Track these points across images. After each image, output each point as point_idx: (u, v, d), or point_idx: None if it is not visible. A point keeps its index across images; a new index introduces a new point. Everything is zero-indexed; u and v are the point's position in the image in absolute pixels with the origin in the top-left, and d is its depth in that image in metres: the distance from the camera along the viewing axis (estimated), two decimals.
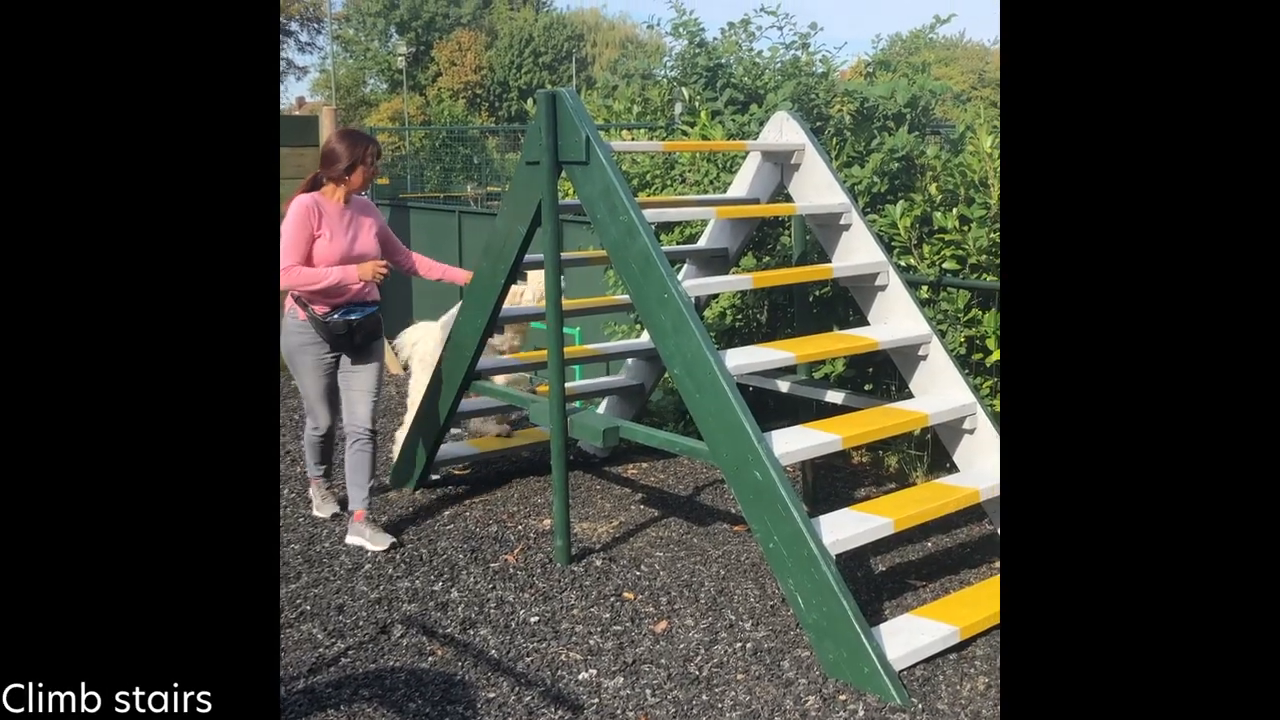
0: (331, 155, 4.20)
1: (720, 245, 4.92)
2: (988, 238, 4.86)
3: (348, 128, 4.48)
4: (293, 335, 4.32)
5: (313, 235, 4.15)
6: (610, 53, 48.21)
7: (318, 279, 4.15)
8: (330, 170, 4.21)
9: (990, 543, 4.26)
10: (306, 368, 4.37)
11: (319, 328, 4.25)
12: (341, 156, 4.18)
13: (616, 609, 3.80)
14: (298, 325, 4.30)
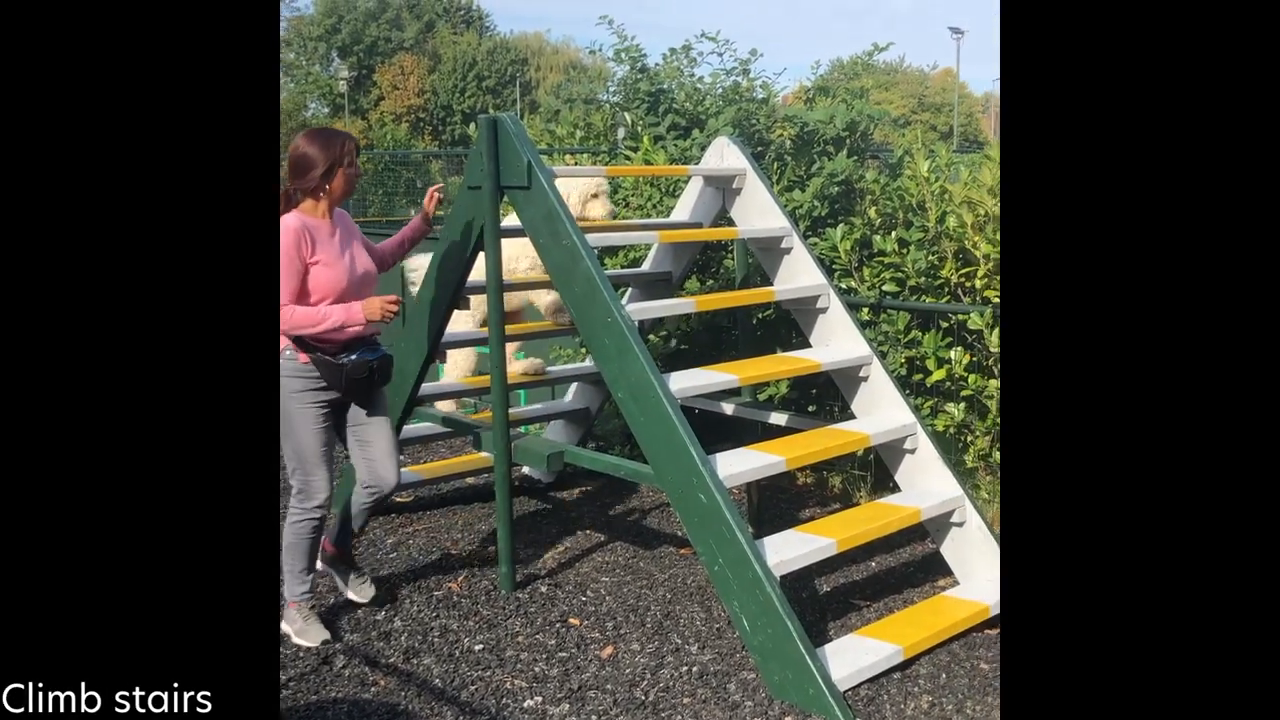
0: (303, 162, 3.51)
1: (664, 269, 4.94)
2: (926, 260, 4.94)
3: (314, 127, 3.75)
4: (291, 381, 3.52)
5: (306, 265, 3.47)
6: (554, 77, 48.37)
7: (316, 321, 3.46)
8: (304, 181, 3.51)
9: (933, 561, 4.31)
10: (307, 420, 3.55)
11: (329, 372, 3.52)
12: (315, 161, 3.49)
13: (562, 635, 3.77)
14: (297, 369, 3.53)
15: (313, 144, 3.53)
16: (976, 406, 4.96)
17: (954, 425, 4.95)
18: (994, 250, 4.78)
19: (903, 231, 5.03)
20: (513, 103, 47.99)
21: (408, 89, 49.99)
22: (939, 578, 4.25)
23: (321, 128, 3.68)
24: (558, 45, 60.34)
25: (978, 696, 3.35)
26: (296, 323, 3.46)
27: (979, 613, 3.77)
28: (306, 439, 3.57)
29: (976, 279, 4.89)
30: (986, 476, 5.00)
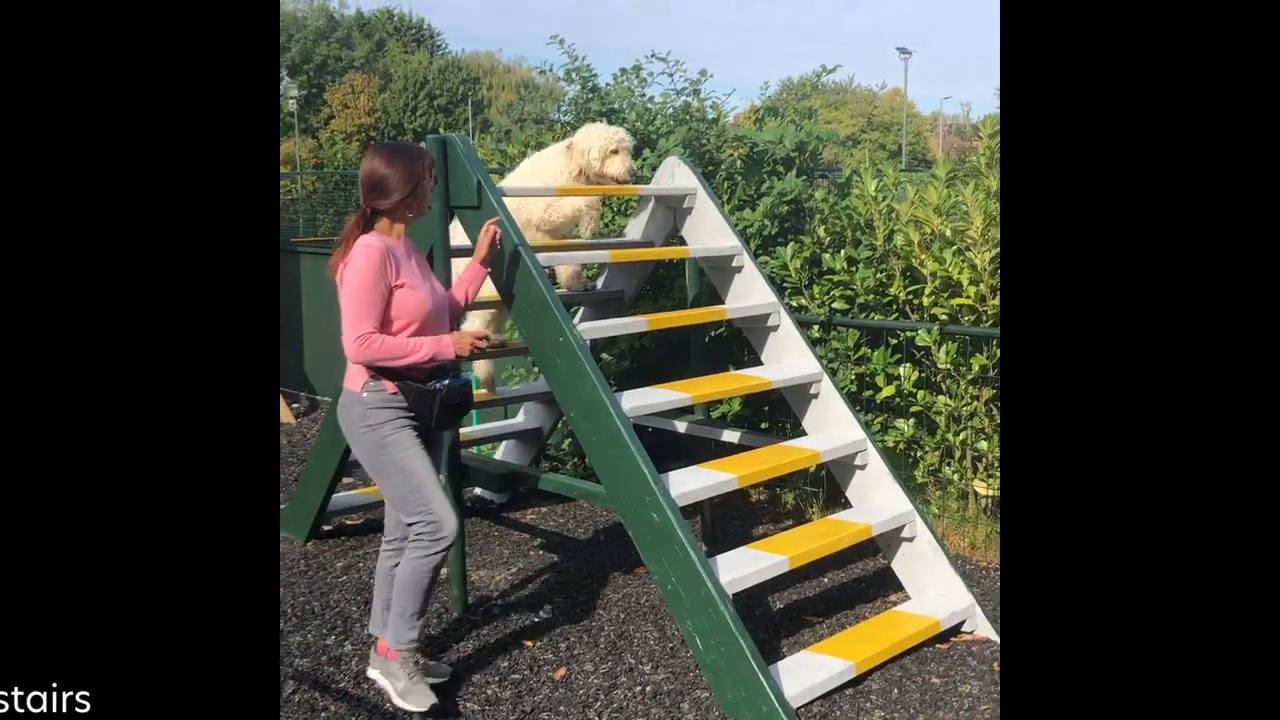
0: (383, 182, 3.20)
1: (616, 288, 4.95)
2: (874, 278, 5.00)
3: (389, 144, 3.44)
4: (379, 413, 3.21)
5: (390, 289, 3.18)
6: (506, 96, 48.38)
7: (406, 352, 3.17)
8: (384, 200, 3.22)
9: (884, 576, 4.34)
10: (410, 449, 3.23)
11: (421, 400, 3.21)
12: (398, 180, 3.20)
13: (515, 657, 3.75)
14: (386, 400, 3.21)
15: (393, 162, 3.23)
16: (926, 422, 5.02)
17: (904, 441, 5.01)
18: (940, 268, 4.85)
19: (851, 250, 5.09)
20: (464, 121, 47.89)
21: (358, 108, 49.73)
22: (890, 593, 4.28)
23: (398, 144, 3.39)
24: (509, 64, 60.46)
25: (929, 711, 3.37)
26: (383, 353, 3.15)
27: (930, 627, 3.80)
28: (416, 468, 3.22)
29: (924, 296, 4.96)
30: (936, 492, 5.06)
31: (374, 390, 3.21)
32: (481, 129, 14.32)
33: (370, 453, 3.24)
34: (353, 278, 3.13)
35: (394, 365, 3.18)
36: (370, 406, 3.21)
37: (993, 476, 4.87)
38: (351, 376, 3.26)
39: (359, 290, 3.12)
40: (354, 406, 3.24)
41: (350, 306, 3.13)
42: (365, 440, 3.23)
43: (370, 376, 3.21)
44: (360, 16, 59.77)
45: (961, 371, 4.84)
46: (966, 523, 4.89)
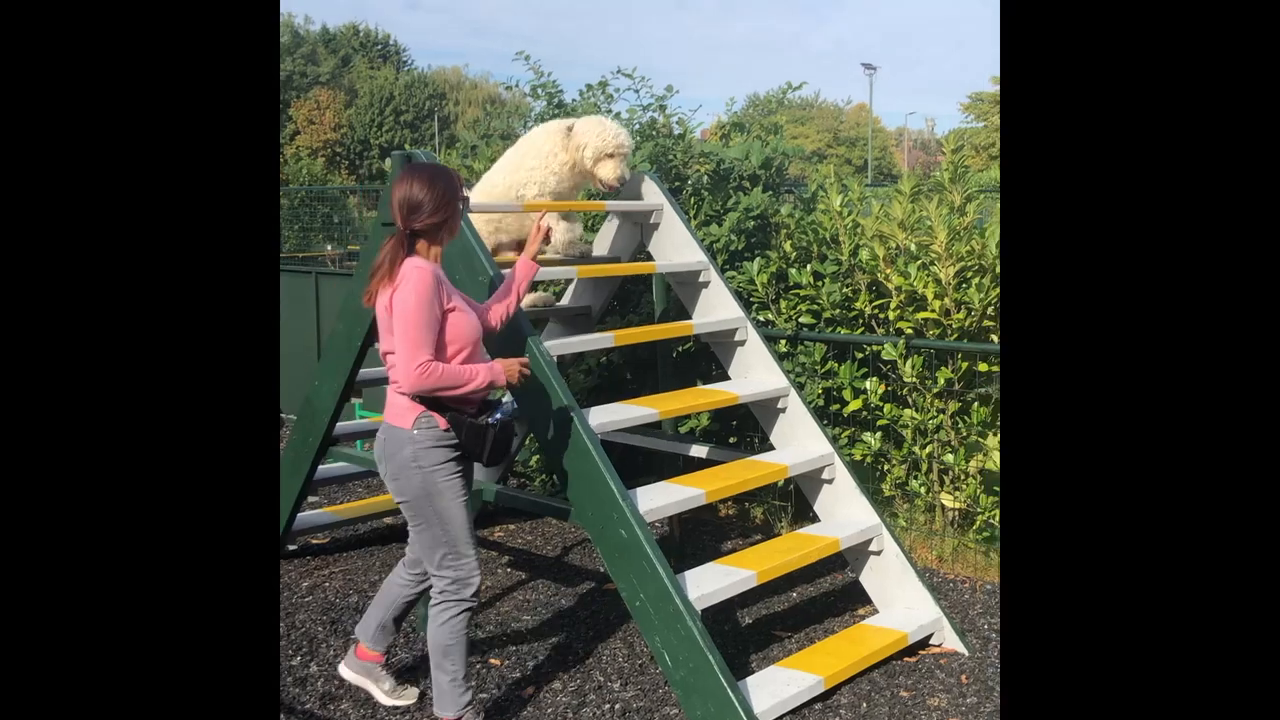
0: (422, 204, 3.04)
1: (583, 304, 4.95)
2: (840, 292, 5.03)
3: (423, 164, 3.28)
4: (432, 452, 3.05)
5: (444, 313, 3.04)
6: (473, 111, 48.38)
7: (464, 380, 3.02)
8: (422, 222, 3.05)
9: (852, 590, 4.35)
10: (454, 493, 3.09)
11: (473, 436, 3.06)
12: (435, 202, 3.05)
13: (483, 676, 3.72)
14: (438, 437, 3.05)
15: (433, 184, 3.07)
16: (892, 435, 5.04)
17: (871, 454, 5.03)
18: (905, 282, 4.89)
19: (817, 265, 5.12)
20: (431, 137, 47.79)
21: (324, 123, 49.50)
22: (858, 606, 4.29)
23: (432, 165, 3.23)
24: (476, 80, 60.44)
25: None
26: (443, 381, 2.99)
27: (898, 640, 3.81)
28: (458, 517, 3.10)
29: (890, 310, 4.99)
30: (903, 505, 5.08)
31: (425, 427, 3.04)
32: (448, 144, 14.28)
33: (416, 496, 3.07)
34: (407, 303, 2.95)
35: (450, 395, 3.03)
36: (422, 446, 3.03)
37: (959, 489, 4.90)
38: (399, 411, 3.06)
39: (415, 316, 2.95)
40: (404, 445, 3.04)
41: (406, 333, 2.95)
42: (414, 482, 3.06)
43: (421, 411, 3.03)
44: (326, 32, 59.60)
45: (927, 385, 4.87)
46: (934, 535, 4.91)
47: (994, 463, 4.74)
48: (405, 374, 2.96)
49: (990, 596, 4.44)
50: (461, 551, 3.12)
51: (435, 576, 3.16)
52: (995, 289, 4.75)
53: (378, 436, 3.16)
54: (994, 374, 4.87)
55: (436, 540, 3.11)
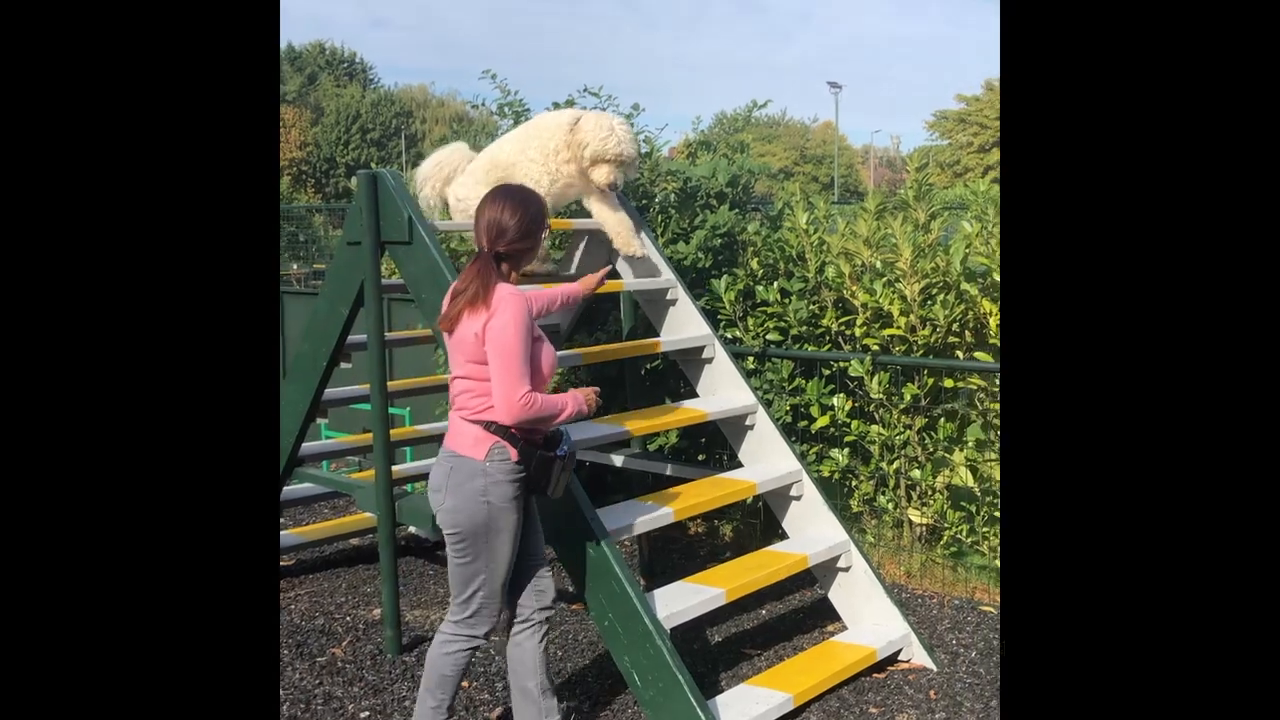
0: (505, 228, 2.98)
1: (552, 322, 4.93)
2: (807, 309, 5.06)
3: (509, 186, 3.20)
4: (502, 488, 2.94)
5: (534, 342, 2.97)
6: (440, 129, 48.30)
7: (556, 411, 2.94)
8: (511, 243, 2.99)
9: (821, 607, 4.35)
10: (512, 533, 2.99)
11: (542, 470, 2.97)
12: (518, 227, 2.99)
13: None
14: (510, 470, 2.94)
15: (525, 208, 3.00)
16: (860, 452, 5.06)
17: (838, 471, 5.05)
18: (871, 299, 4.92)
19: (784, 282, 5.14)
20: (398, 155, 47.66)
21: (290, 142, 49.26)
22: (827, 623, 4.29)
23: (521, 188, 3.14)
24: (443, 98, 60.39)
25: None
26: (541, 413, 2.89)
27: (866, 657, 3.81)
28: (507, 557, 3.00)
29: (856, 327, 5.02)
30: (871, 521, 5.10)
31: (498, 459, 2.92)
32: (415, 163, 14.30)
33: (475, 529, 2.95)
34: (506, 331, 2.85)
35: (546, 425, 2.97)
36: (493, 480, 2.92)
37: (926, 505, 4.92)
38: (469, 441, 2.94)
39: (516, 345, 2.85)
40: (475, 477, 2.92)
41: (507, 363, 2.85)
42: (477, 515, 2.93)
43: (496, 442, 2.92)
44: (291, 50, 59.32)
45: (894, 401, 4.90)
46: (902, 551, 4.93)
47: (960, 478, 4.77)
48: (507, 406, 2.86)
49: (958, 612, 4.46)
50: (495, 591, 3.03)
51: (458, 604, 3.04)
52: (960, 305, 4.79)
53: (439, 464, 3.00)
54: (959, 389, 4.91)
55: (476, 575, 3.00)
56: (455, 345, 2.97)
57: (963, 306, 4.80)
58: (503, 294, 2.90)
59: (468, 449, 2.94)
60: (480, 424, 2.93)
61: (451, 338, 2.99)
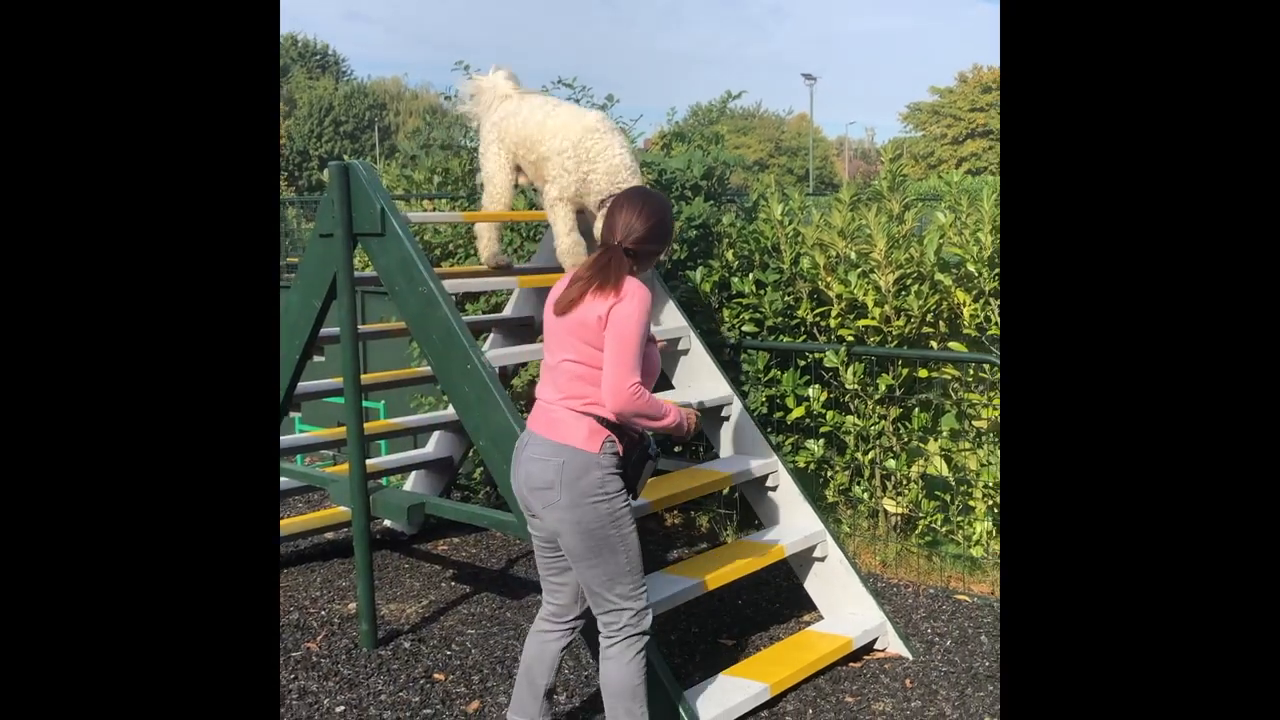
0: (659, 231, 2.98)
1: (525, 314, 4.92)
2: (782, 300, 5.06)
3: (642, 189, 3.19)
4: (614, 478, 2.88)
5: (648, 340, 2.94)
6: (413, 122, 47.99)
7: (660, 414, 2.90)
8: (646, 247, 2.95)
9: (797, 597, 4.36)
10: (631, 517, 2.93)
11: (638, 467, 2.96)
12: (663, 234, 3.00)
13: (426, 692, 3.67)
14: (615, 464, 2.89)
15: (657, 215, 2.97)
16: (835, 442, 5.08)
17: (814, 461, 5.06)
18: (845, 290, 4.93)
19: (759, 273, 5.15)
20: (371, 148, 47.38)
21: None
22: (804, 613, 4.31)
23: (660, 195, 3.08)
24: (416, 90, 60.01)
25: None
26: (646, 409, 2.85)
27: (842, 646, 3.83)
28: (637, 543, 2.92)
29: (831, 318, 5.03)
30: (847, 511, 5.12)
31: (610, 452, 2.86)
32: (388, 155, 14.12)
33: (599, 525, 2.84)
34: (631, 319, 2.80)
35: (643, 425, 2.90)
36: (608, 472, 2.85)
37: (901, 495, 4.95)
38: (583, 433, 2.85)
39: (635, 336, 2.81)
40: (591, 470, 2.83)
41: (624, 352, 2.79)
42: (598, 511, 2.84)
43: (608, 435, 2.86)
44: None
45: (869, 391, 4.91)
46: (877, 540, 4.95)
47: (935, 468, 4.79)
48: (616, 391, 2.80)
49: (933, 601, 4.48)
50: (641, 580, 2.94)
51: (615, 611, 2.92)
52: (934, 295, 4.81)
53: (543, 459, 2.87)
54: (934, 380, 4.93)
55: (620, 570, 2.89)
56: (570, 328, 2.88)
57: (937, 297, 4.82)
58: (633, 284, 2.86)
59: (582, 442, 2.84)
60: (593, 417, 2.85)
61: (566, 319, 2.89)
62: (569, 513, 2.85)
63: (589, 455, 2.84)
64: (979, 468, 4.72)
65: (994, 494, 4.69)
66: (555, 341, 2.94)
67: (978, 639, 4.09)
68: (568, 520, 2.85)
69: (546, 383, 2.97)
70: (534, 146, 4.13)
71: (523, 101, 4.28)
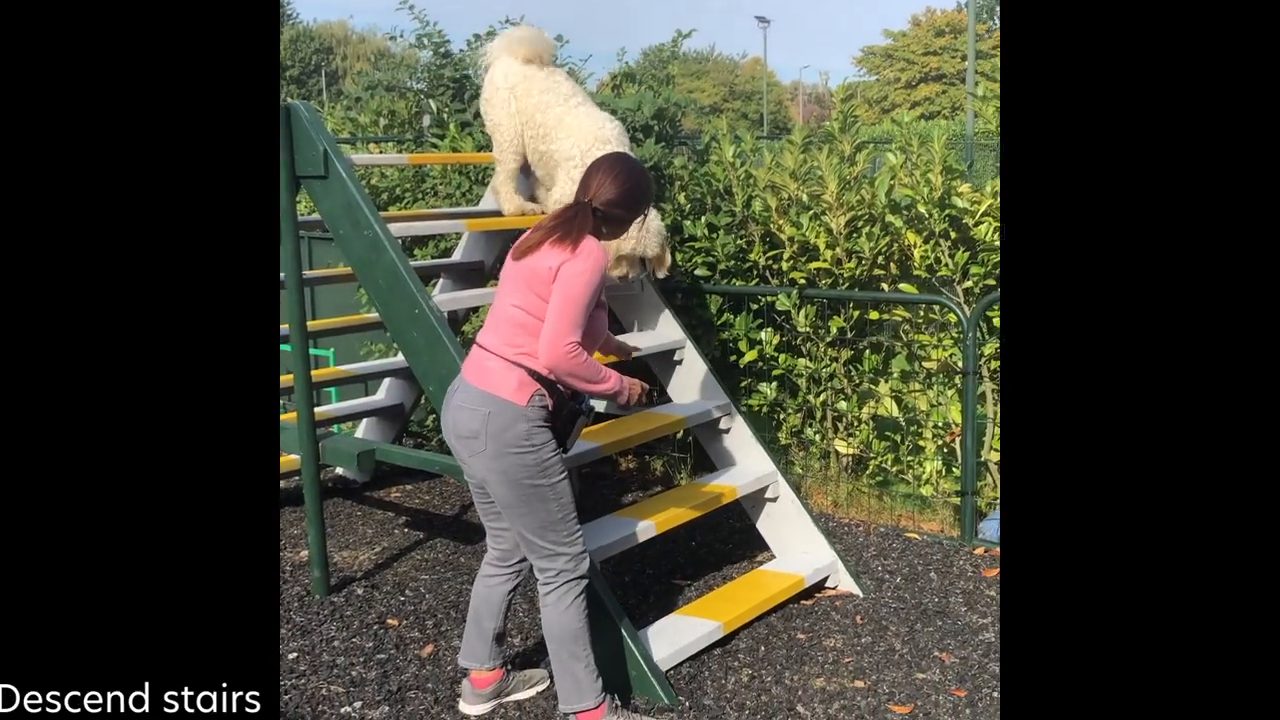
0: (632, 197, 2.95)
1: (475, 258, 4.86)
2: (734, 244, 5.04)
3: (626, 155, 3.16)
4: (540, 432, 2.86)
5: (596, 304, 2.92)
6: (361, 66, 47.02)
7: (598, 378, 2.87)
8: (610, 206, 2.93)
9: (749, 538, 4.40)
10: (561, 466, 2.93)
11: (569, 422, 2.94)
12: (638, 202, 2.99)
13: (380, 637, 3.66)
14: (544, 417, 2.87)
15: (647, 185, 3.02)
16: (787, 385, 5.10)
17: (767, 404, 5.09)
18: (797, 233, 4.92)
19: (711, 216, 5.11)
20: (318, 92, 46.36)
21: None
22: (756, 553, 4.35)
23: (641, 167, 3.07)
24: (363, 33, 58.71)
25: (795, 666, 3.44)
26: (580, 370, 2.81)
27: (794, 584, 3.87)
28: (568, 490, 2.93)
29: (783, 261, 5.02)
30: (799, 452, 5.16)
31: (538, 405, 2.84)
32: (335, 100, 13.75)
33: (527, 475, 2.84)
34: (580, 279, 2.77)
35: (578, 386, 2.87)
36: (535, 425, 2.84)
37: (853, 436, 4.99)
38: (512, 384, 2.82)
39: (582, 296, 2.78)
40: (517, 422, 2.81)
41: (567, 309, 2.77)
42: (524, 461, 2.83)
43: (538, 389, 2.83)
44: None
45: (820, 334, 4.93)
46: (829, 481, 5.00)
47: (886, 409, 4.84)
48: (552, 348, 2.77)
49: (883, 539, 4.55)
50: (575, 526, 2.95)
51: (551, 557, 2.93)
52: (885, 237, 4.82)
53: (471, 409, 2.85)
54: (885, 322, 4.96)
55: (551, 518, 2.89)
56: (523, 274, 2.85)
57: (888, 239, 4.82)
58: (591, 244, 2.83)
59: (510, 394, 2.82)
60: (524, 369, 2.83)
61: (520, 264, 2.87)
62: (495, 462, 2.84)
63: (516, 408, 2.82)
64: (929, 408, 4.77)
65: (943, 434, 4.74)
66: (507, 286, 2.92)
67: (927, 575, 4.16)
68: (494, 469, 2.85)
69: (489, 328, 2.95)
70: (543, 136, 4.01)
71: (549, 78, 4.11)
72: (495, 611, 3.15)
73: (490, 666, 3.18)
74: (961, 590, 4.00)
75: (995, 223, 4.46)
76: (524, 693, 3.26)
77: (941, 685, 3.31)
